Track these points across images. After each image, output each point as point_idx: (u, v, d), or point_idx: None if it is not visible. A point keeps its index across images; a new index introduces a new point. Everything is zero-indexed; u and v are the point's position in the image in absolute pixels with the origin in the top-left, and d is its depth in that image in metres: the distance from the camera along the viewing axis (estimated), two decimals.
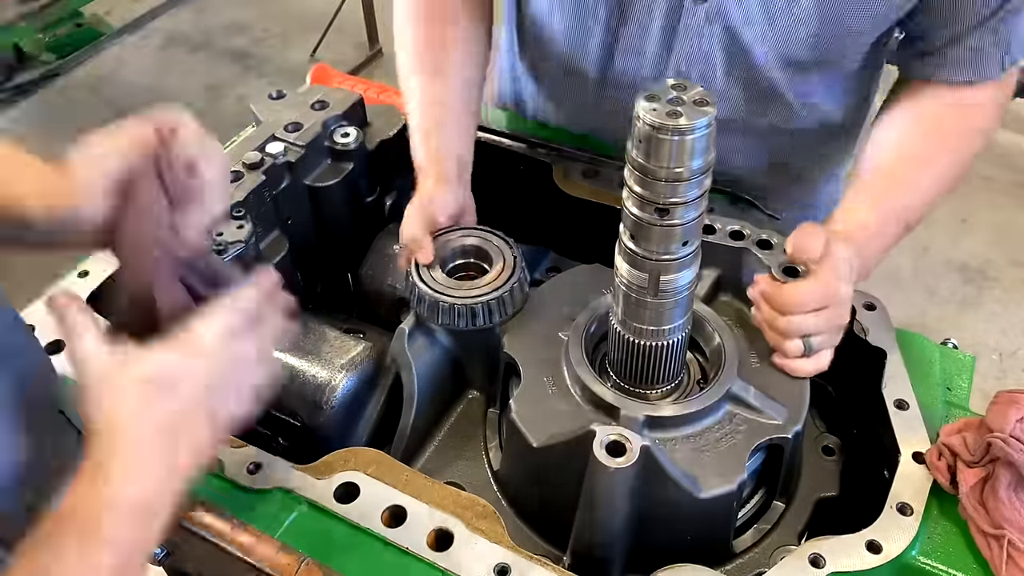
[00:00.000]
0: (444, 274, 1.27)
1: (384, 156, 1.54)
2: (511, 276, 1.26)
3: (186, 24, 5.65)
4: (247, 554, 1.02)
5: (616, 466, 0.99)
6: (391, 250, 1.48)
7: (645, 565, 1.03)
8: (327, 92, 1.50)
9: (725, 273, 1.29)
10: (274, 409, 1.27)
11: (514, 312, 1.26)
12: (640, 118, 0.89)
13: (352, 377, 1.26)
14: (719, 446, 1.10)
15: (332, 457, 1.12)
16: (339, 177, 1.45)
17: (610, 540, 1.10)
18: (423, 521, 1.04)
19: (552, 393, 1.17)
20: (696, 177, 0.91)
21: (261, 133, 1.42)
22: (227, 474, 1.10)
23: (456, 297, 1.23)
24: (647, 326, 1.08)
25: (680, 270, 1.01)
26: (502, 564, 1.00)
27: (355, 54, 5.20)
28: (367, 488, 1.08)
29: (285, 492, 1.08)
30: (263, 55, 5.31)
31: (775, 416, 1.13)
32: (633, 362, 1.13)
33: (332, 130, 1.46)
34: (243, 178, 1.33)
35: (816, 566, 1.00)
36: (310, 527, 1.06)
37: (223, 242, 1.26)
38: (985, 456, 1.04)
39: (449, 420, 1.35)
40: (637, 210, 0.96)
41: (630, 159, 0.93)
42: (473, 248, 1.32)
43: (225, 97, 4.97)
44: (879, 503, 1.06)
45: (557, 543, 1.20)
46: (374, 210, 1.56)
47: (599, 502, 1.05)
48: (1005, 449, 1.00)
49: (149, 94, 4.97)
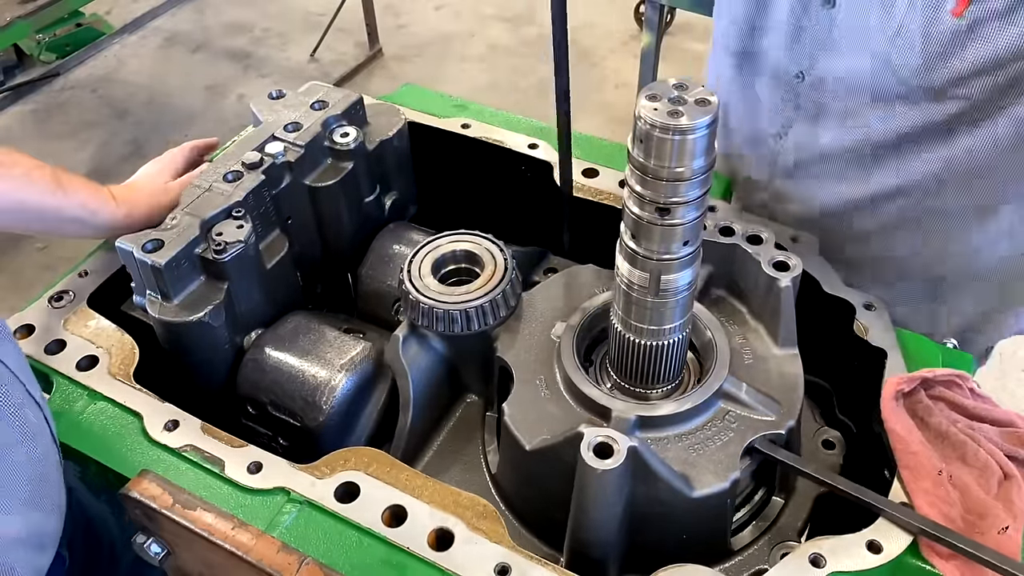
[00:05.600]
0: (436, 280, 1.27)
1: (384, 156, 1.54)
2: (503, 278, 1.26)
3: (186, 24, 5.65)
4: (247, 554, 1.01)
5: (603, 467, 0.99)
6: (391, 250, 1.48)
7: (643, 565, 1.03)
8: (327, 92, 1.50)
9: (717, 269, 1.29)
10: (273, 409, 1.28)
11: (508, 314, 1.26)
12: (641, 117, 0.89)
13: (351, 377, 1.26)
14: (712, 444, 1.10)
15: (332, 457, 1.12)
16: (339, 177, 1.45)
17: (604, 540, 1.10)
18: (423, 521, 1.04)
19: (545, 396, 1.17)
20: (697, 176, 0.91)
21: (261, 133, 1.42)
22: (227, 474, 1.10)
23: (450, 303, 1.23)
24: (647, 326, 1.08)
25: (681, 270, 1.01)
26: (502, 564, 1.00)
27: (355, 54, 5.20)
28: (367, 488, 1.08)
29: (285, 492, 1.08)
30: (263, 55, 5.31)
31: (768, 412, 1.13)
32: (633, 362, 1.13)
33: (332, 130, 1.46)
34: (243, 178, 1.33)
35: (816, 566, 1.00)
36: (310, 527, 1.06)
37: (223, 242, 1.25)
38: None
39: (448, 424, 1.35)
40: (638, 209, 0.96)
41: (631, 158, 0.93)
42: (464, 253, 1.32)
43: (225, 97, 4.97)
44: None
45: (554, 544, 1.20)
46: (374, 210, 1.55)
47: (590, 503, 1.05)
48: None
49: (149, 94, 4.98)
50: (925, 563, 1.03)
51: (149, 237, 1.23)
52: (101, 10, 5.49)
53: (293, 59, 5.25)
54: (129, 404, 1.20)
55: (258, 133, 1.42)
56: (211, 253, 1.25)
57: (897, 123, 1.35)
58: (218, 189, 1.31)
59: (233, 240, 1.26)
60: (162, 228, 1.26)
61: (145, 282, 1.25)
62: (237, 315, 1.32)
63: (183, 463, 1.13)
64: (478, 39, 5.35)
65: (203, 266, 1.27)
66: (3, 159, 1.23)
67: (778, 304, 1.19)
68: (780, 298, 1.18)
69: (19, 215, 1.26)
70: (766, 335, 1.23)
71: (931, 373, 1.15)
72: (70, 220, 1.29)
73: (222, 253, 1.25)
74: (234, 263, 1.26)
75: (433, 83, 4.26)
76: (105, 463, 1.15)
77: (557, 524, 1.14)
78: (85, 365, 1.25)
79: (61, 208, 1.28)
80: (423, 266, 1.29)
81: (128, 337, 1.28)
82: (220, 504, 1.07)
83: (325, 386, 1.25)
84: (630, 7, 5.12)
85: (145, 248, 1.22)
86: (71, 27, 5.19)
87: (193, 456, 1.13)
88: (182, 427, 1.16)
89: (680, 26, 4.98)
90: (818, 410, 1.36)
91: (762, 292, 1.22)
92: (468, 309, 1.22)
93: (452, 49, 5.28)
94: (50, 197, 1.26)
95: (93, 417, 1.19)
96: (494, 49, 5.26)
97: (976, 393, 1.17)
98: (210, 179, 1.33)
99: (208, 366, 1.32)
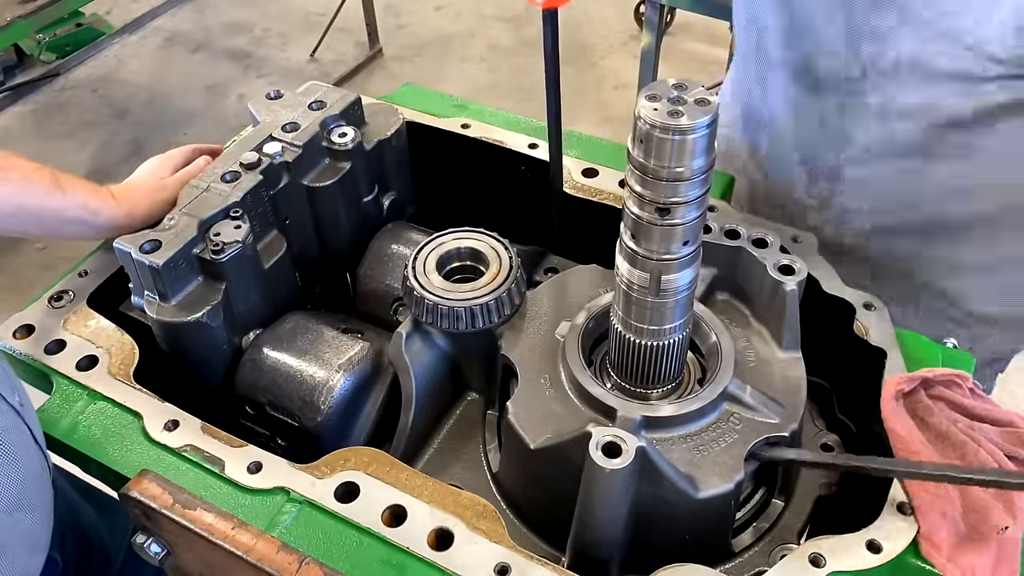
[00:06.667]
0: (441, 277, 1.27)
1: (382, 156, 1.53)
2: (508, 276, 1.26)
3: (186, 24, 5.65)
4: (247, 554, 1.01)
5: (612, 467, 0.99)
6: (390, 250, 1.48)
7: (644, 565, 1.03)
8: (325, 92, 1.50)
9: (721, 272, 1.29)
10: (272, 409, 1.27)
11: (513, 312, 1.26)
12: (641, 117, 0.89)
13: (350, 377, 1.26)
14: (716, 445, 1.10)
15: (332, 456, 1.12)
16: (337, 177, 1.45)
17: (608, 540, 1.10)
18: (423, 521, 1.04)
19: (549, 395, 1.17)
20: (697, 176, 0.91)
21: (259, 133, 1.42)
22: (227, 474, 1.10)
23: (456, 300, 1.23)
24: (647, 326, 1.08)
25: (681, 269, 1.01)
26: (502, 564, 1.00)
27: (355, 54, 5.20)
28: (367, 488, 1.08)
29: (285, 492, 1.08)
30: (263, 55, 5.31)
31: (772, 415, 1.13)
32: (633, 362, 1.13)
33: (330, 130, 1.45)
34: (241, 178, 1.33)
35: (816, 566, 1.00)
36: (310, 527, 1.05)
37: (221, 242, 1.25)
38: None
39: (448, 422, 1.35)
40: (638, 209, 0.96)
41: (631, 158, 0.93)
42: (469, 251, 1.32)
43: (225, 97, 4.97)
44: (879, 503, 1.06)
45: (556, 544, 1.20)
46: (372, 210, 1.55)
47: (596, 503, 1.05)
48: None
49: (149, 94, 4.98)
50: (925, 563, 1.03)
51: (147, 238, 1.23)
52: (101, 10, 5.49)
53: (293, 59, 5.25)
54: (129, 404, 1.19)
55: (256, 133, 1.42)
56: (209, 253, 1.25)
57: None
58: (216, 189, 1.31)
59: (231, 240, 1.26)
60: (160, 229, 1.26)
61: (143, 283, 1.25)
62: (235, 315, 1.31)
63: (183, 463, 1.13)
64: (478, 39, 5.35)
65: (201, 266, 1.27)
66: (1, 163, 1.23)
67: (783, 308, 1.19)
68: (785, 302, 1.18)
69: (19, 218, 1.26)
70: (770, 338, 1.23)
71: (931, 373, 1.15)
72: (71, 221, 1.29)
73: (220, 253, 1.25)
74: (232, 263, 1.26)
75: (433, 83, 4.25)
76: (105, 463, 1.15)
77: (560, 523, 1.14)
78: (85, 365, 1.25)
79: (61, 209, 1.27)
80: (428, 263, 1.29)
81: (128, 337, 1.28)
82: (220, 504, 1.07)
83: (323, 386, 1.25)
84: (630, 7, 5.12)
85: (143, 249, 1.22)
86: (71, 27, 5.18)
87: (193, 456, 1.13)
88: (182, 427, 1.16)
89: (680, 26, 4.98)
90: (817, 410, 1.36)
91: (767, 295, 1.22)
92: (473, 306, 1.22)
93: (452, 49, 5.28)
94: (50, 199, 1.26)
95: (93, 417, 1.19)
96: (494, 49, 5.26)
97: (976, 393, 1.17)
98: (208, 180, 1.33)
99: (206, 366, 1.32)
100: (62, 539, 1.32)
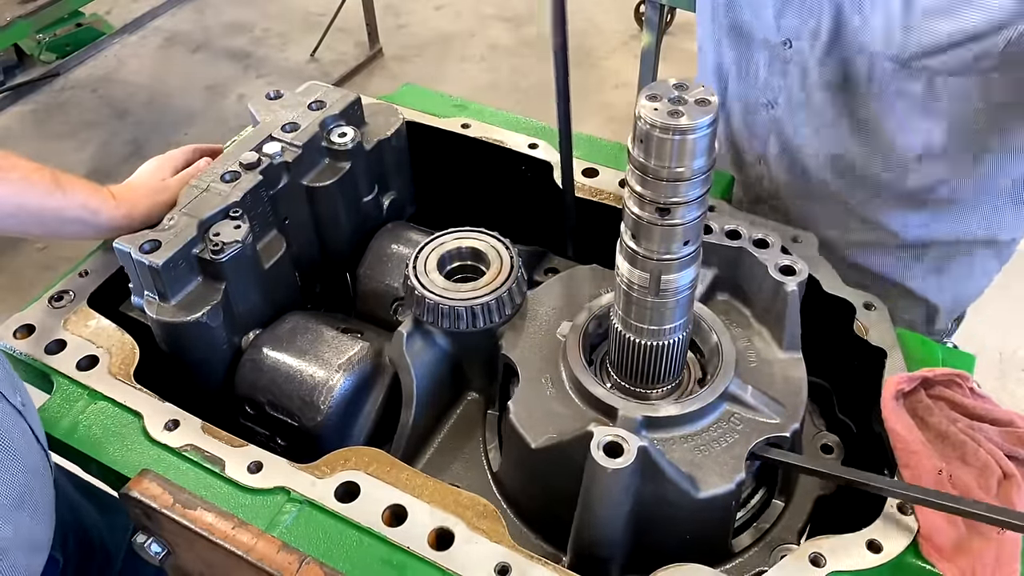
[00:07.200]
0: (442, 277, 1.27)
1: (382, 155, 1.54)
2: (509, 275, 1.26)
3: (186, 24, 5.65)
4: (247, 553, 1.01)
5: (614, 467, 0.99)
6: (389, 250, 1.48)
7: (645, 565, 1.03)
8: (324, 92, 1.50)
9: (722, 272, 1.29)
10: (271, 409, 1.27)
11: (513, 312, 1.26)
12: (641, 117, 0.89)
13: (349, 377, 1.26)
14: (717, 445, 1.10)
15: (332, 456, 1.12)
16: (336, 177, 1.45)
17: (609, 540, 1.10)
18: (424, 520, 1.04)
19: (550, 394, 1.17)
20: (697, 176, 0.91)
21: (258, 133, 1.42)
22: (227, 474, 1.10)
23: (457, 299, 1.23)
24: (648, 326, 1.08)
25: (681, 269, 1.01)
26: (503, 564, 1.00)
27: (355, 54, 5.20)
28: (367, 487, 1.08)
29: (285, 492, 1.08)
30: (263, 55, 5.31)
31: (773, 415, 1.13)
32: (633, 362, 1.13)
33: (329, 130, 1.46)
34: (240, 178, 1.33)
35: (816, 565, 1.00)
36: (310, 527, 1.05)
37: (220, 242, 1.25)
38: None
39: (448, 422, 1.35)
40: (638, 209, 0.96)
41: (631, 158, 0.93)
42: (470, 250, 1.32)
43: (225, 97, 4.97)
44: (879, 503, 1.06)
45: (557, 543, 1.20)
46: (372, 210, 1.55)
47: (597, 502, 1.05)
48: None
49: (149, 94, 4.98)
50: (925, 563, 1.03)
51: (146, 238, 1.23)
52: (101, 10, 5.49)
53: (293, 59, 5.25)
54: (129, 404, 1.20)
55: (256, 133, 1.42)
56: (208, 253, 1.25)
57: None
58: (215, 189, 1.31)
59: (230, 240, 1.26)
60: (159, 229, 1.26)
61: (143, 283, 1.25)
62: (235, 315, 1.31)
63: (183, 463, 1.13)
64: (478, 39, 5.35)
65: (201, 266, 1.27)
66: (1, 163, 1.23)
67: (784, 308, 1.19)
68: (786, 302, 1.18)
69: (19, 218, 1.26)
70: (770, 338, 1.23)
71: (931, 373, 1.15)
72: (71, 221, 1.29)
73: (219, 253, 1.25)
74: (231, 263, 1.26)
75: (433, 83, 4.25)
76: (105, 463, 1.15)
77: (560, 523, 1.14)
78: (85, 365, 1.25)
79: (62, 209, 1.27)
80: (429, 262, 1.29)
81: (128, 337, 1.28)
82: (220, 504, 1.07)
83: (323, 386, 1.25)
84: (630, 7, 5.12)
85: (142, 249, 1.22)
86: (71, 27, 5.19)
87: (193, 456, 1.13)
88: (182, 427, 1.16)
89: (680, 26, 4.97)
90: (817, 410, 1.36)
91: (768, 296, 1.22)
92: (474, 306, 1.22)
93: (452, 49, 5.28)
94: (50, 199, 1.26)
95: (93, 417, 1.19)
96: (494, 49, 5.26)
97: (976, 393, 1.17)
98: (208, 180, 1.33)
99: (206, 366, 1.32)
100: (63, 538, 1.32)
